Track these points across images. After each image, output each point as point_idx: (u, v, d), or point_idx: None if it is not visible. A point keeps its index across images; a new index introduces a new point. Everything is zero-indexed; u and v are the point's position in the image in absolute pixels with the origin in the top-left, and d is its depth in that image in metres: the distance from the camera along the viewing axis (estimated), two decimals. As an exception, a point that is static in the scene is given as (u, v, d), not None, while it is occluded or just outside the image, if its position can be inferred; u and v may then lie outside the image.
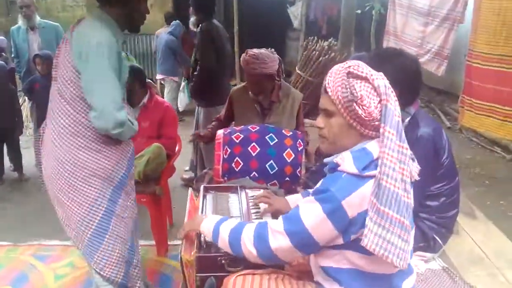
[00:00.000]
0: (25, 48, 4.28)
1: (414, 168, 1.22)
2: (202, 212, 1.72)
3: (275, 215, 1.69)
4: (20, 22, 4.21)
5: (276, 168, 2.15)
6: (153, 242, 2.79)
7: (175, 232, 3.02)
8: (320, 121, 1.26)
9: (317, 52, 5.93)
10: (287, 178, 2.18)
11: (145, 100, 2.86)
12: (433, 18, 4.43)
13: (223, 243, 1.32)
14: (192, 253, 1.40)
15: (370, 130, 1.17)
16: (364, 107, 1.14)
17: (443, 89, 6.87)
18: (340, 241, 1.16)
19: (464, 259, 1.99)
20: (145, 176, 2.63)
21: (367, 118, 1.14)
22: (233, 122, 2.77)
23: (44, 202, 3.51)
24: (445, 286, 1.72)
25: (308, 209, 1.16)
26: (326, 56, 5.83)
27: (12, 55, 4.52)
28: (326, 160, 1.29)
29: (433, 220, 1.82)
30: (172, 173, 3.10)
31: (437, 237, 1.84)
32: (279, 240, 1.19)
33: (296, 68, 6.30)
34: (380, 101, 1.14)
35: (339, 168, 1.16)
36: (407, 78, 1.71)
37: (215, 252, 1.42)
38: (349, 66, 1.18)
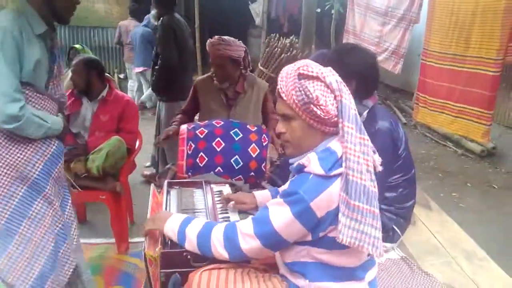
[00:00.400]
0: None
1: (377, 159, 1.25)
2: (166, 208, 1.68)
3: (241, 209, 1.70)
4: None
5: (241, 163, 2.14)
6: (113, 240, 2.70)
7: (136, 229, 2.95)
8: (280, 126, 1.26)
9: (279, 49, 5.97)
10: (252, 173, 2.17)
11: (104, 93, 2.75)
12: (390, 18, 4.59)
13: (191, 245, 1.30)
14: (157, 249, 1.36)
15: (331, 126, 1.19)
16: (321, 107, 1.15)
17: (398, 87, 7.15)
18: (309, 238, 1.18)
19: (421, 248, 2.07)
20: (104, 172, 2.54)
21: (326, 117, 1.16)
22: (198, 114, 2.73)
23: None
24: (404, 275, 1.78)
25: (277, 212, 1.17)
26: (288, 53, 5.88)
27: None
28: (291, 160, 1.30)
29: (392, 211, 1.89)
30: (132, 169, 3.01)
31: (396, 228, 1.91)
32: (249, 242, 1.20)
33: (259, 64, 6.32)
34: (335, 97, 1.15)
35: (305, 169, 1.17)
36: (365, 70, 1.77)
37: (180, 248, 1.39)
38: (298, 68, 1.18)
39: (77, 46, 3.70)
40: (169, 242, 1.41)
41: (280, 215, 1.16)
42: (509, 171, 4.40)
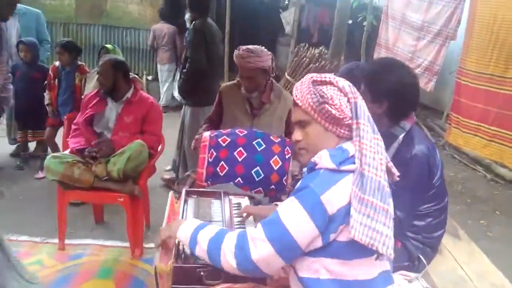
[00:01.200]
0: None
1: (395, 171, 1.26)
2: (182, 217, 1.63)
3: (259, 218, 1.63)
4: None
5: (262, 175, 2.08)
6: (128, 244, 2.68)
7: (151, 234, 2.92)
8: (297, 134, 1.27)
9: (308, 59, 5.91)
10: (273, 186, 2.11)
11: (129, 94, 2.76)
12: (426, 33, 4.46)
13: (201, 252, 1.25)
14: (169, 262, 1.31)
15: (345, 130, 1.20)
16: (335, 106, 1.17)
17: (427, 104, 6.94)
18: (320, 243, 1.13)
19: (447, 280, 1.95)
20: (125, 175, 2.53)
21: (341, 116, 1.17)
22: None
23: (16, 195, 3.40)
24: (427, 307, 1.68)
25: (288, 209, 1.15)
26: (316, 64, 5.81)
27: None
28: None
29: (419, 240, 1.77)
30: (152, 173, 3.00)
31: (422, 257, 1.79)
32: (260, 248, 1.14)
33: (286, 73, 6.27)
34: (348, 100, 1.19)
35: (317, 166, 1.17)
36: (403, 88, 1.68)
37: (194, 263, 1.34)
38: (312, 77, 1.24)
39: (108, 46, 3.74)
40: (182, 256, 1.36)
41: (291, 212, 1.14)
42: (544, 200, 4.17)
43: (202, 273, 1.31)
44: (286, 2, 9.67)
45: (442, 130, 5.79)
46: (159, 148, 2.94)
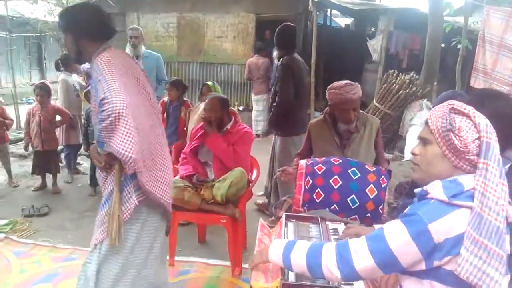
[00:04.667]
0: None
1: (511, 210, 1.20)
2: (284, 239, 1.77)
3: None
4: (128, 50, 4.60)
5: (358, 203, 2.15)
6: (228, 263, 2.90)
7: (248, 255, 3.11)
8: (416, 148, 1.31)
9: (397, 86, 5.84)
10: (368, 214, 2.16)
11: (228, 126, 3.04)
12: (528, 56, 4.18)
13: (300, 268, 1.34)
14: (278, 279, 1.44)
15: (464, 163, 1.19)
16: (460, 138, 1.17)
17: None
18: (423, 266, 1.16)
19: None
20: (227, 199, 2.79)
21: (462, 149, 1.17)
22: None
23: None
24: None
25: (393, 230, 1.18)
26: (407, 90, 5.71)
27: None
28: (416, 190, 1.30)
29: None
30: (249, 198, 3.23)
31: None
32: (363, 259, 1.21)
33: (374, 100, 6.24)
34: (478, 138, 1.16)
35: (428, 196, 1.19)
36: (503, 122, 1.66)
37: (303, 280, 1.43)
38: (454, 103, 1.23)
39: (209, 83, 4.16)
40: (288, 273, 1.49)
41: (396, 234, 1.17)
42: None
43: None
44: (373, 30, 9.66)
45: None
46: (255, 174, 3.18)
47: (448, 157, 1.21)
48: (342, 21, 12.39)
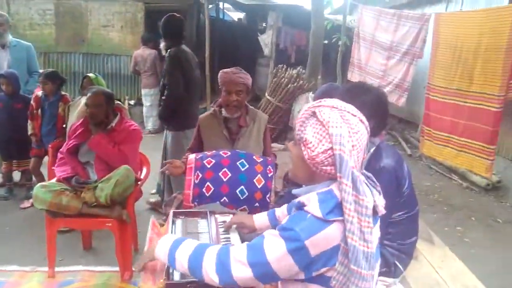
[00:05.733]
0: None
1: (381, 202, 1.25)
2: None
3: (240, 228, 1.75)
4: None
5: (247, 194, 2.18)
6: (117, 268, 2.72)
7: (139, 258, 2.96)
8: (289, 144, 1.30)
9: (286, 80, 6.10)
10: (257, 204, 2.21)
11: (113, 123, 2.84)
12: (395, 52, 4.71)
13: (182, 268, 1.31)
14: (161, 280, 1.39)
15: (321, 171, 1.20)
16: (308, 149, 1.18)
17: (404, 117, 7.21)
18: (302, 276, 1.19)
19: (423, 284, 2.07)
20: (112, 200, 2.60)
21: (309, 160, 1.18)
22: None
23: (2, 225, 3.40)
24: (405, 310, 1.78)
25: (272, 243, 1.19)
26: (295, 84, 6.01)
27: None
28: (294, 192, 1.34)
29: (395, 247, 1.90)
30: (139, 197, 3.07)
31: (398, 263, 1.92)
32: (241, 270, 1.21)
33: (266, 93, 6.44)
34: (331, 149, 1.15)
35: (305, 208, 1.19)
36: (375, 113, 1.81)
37: (185, 278, 1.41)
38: (318, 106, 1.21)
39: (90, 75, 3.81)
40: (173, 273, 1.44)
41: (274, 248, 1.18)
42: (515, 205, 4.38)
43: (192, 288, 1.39)
44: (264, 25, 9.96)
45: (418, 142, 6.03)
46: (144, 171, 3.02)
47: (307, 162, 1.21)
48: (235, 15, 12.53)
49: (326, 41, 7.12)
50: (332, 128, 1.15)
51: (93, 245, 3.14)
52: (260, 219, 1.73)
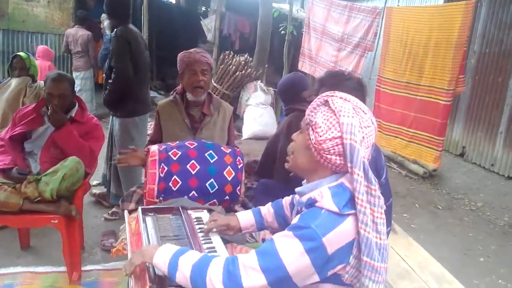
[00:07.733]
0: None
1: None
2: (148, 237, 1.54)
3: (223, 232, 1.61)
4: None
5: (217, 187, 2.05)
6: (64, 268, 2.46)
7: (87, 256, 2.70)
8: (294, 134, 1.29)
9: (234, 67, 5.97)
10: (227, 197, 2.09)
11: (72, 113, 2.56)
12: (346, 44, 4.78)
13: (183, 278, 1.19)
14: (146, 287, 1.23)
15: (325, 161, 1.16)
16: (316, 134, 1.15)
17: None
18: (316, 279, 1.13)
19: (393, 273, 2.11)
20: (58, 195, 2.31)
21: (316, 146, 1.15)
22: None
23: None
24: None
25: (286, 245, 1.11)
26: (243, 72, 5.90)
27: None
28: (297, 190, 1.27)
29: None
30: (87, 191, 2.78)
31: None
32: (253, 277, 1.11)
33: (212, 80, 6.25)
34: (340, 137, 1.13)
35: (317, 204, 1.14)
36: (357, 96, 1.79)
37: (170, 286, 1.27)
38: (332, 96, 1.19)
39: (22, 54, 3.37)
40: (156, 280, 1.28)
41: (289, 249, 1.10)
42: (450, 192, 4.72)
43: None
44: (204, 9, 9.67)
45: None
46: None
47: (311, 150, 1.18)
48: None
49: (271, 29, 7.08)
50: (343, 117, 1.13)
51: (31, 243, 2.80)
52: (245, 218, 1.62)
